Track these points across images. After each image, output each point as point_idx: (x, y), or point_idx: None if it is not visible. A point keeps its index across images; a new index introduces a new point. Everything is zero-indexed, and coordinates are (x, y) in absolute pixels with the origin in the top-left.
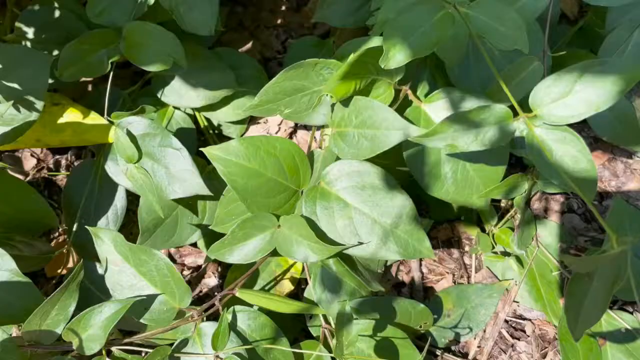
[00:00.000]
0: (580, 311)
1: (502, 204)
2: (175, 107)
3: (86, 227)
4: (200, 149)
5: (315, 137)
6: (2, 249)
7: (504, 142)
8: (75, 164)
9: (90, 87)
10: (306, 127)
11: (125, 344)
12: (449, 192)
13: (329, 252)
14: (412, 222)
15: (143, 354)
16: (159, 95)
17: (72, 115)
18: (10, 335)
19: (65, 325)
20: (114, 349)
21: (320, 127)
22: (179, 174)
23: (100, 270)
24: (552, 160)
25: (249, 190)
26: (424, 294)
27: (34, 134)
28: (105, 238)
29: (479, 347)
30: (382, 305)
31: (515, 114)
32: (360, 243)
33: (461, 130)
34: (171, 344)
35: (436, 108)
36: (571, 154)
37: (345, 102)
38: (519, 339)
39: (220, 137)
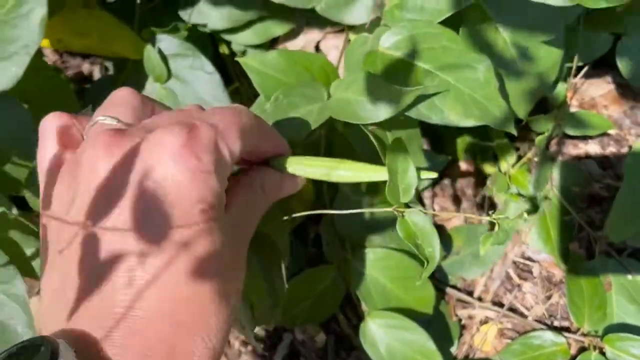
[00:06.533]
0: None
1: (520, 145)
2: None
3: None
4: (237, 58)
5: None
6: None
7: None
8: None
9: None
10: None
11: None
12: None
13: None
14: None
15: None
16: (184, 17)
17: (100, 21)
18: None
19: None
20: None
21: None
22: (209, 100)
23: None
24: None
25: None
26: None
27: (55, 32)
28: None
29: (485, 286)
30: None
31: None
32: None
33: None
34: None
35: None
36: None
37: None
38: (525, 280)
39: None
